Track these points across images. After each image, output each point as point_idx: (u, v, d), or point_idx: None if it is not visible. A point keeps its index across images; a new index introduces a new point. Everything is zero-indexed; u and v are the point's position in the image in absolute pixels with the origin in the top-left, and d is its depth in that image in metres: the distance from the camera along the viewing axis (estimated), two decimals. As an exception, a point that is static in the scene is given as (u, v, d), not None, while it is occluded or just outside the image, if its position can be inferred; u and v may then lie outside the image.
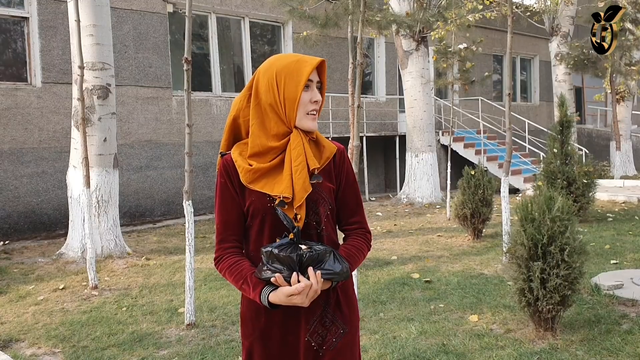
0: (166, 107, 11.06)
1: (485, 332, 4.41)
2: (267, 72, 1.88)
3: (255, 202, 1.87)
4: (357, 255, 1.97)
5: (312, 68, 1.85)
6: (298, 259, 1.76)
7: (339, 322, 1.94)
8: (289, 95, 1.85)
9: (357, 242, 2.00)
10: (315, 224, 1.90)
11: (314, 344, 1.91)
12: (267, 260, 1.79)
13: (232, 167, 1.90)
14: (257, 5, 12.34)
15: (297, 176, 1.82)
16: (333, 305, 1.94)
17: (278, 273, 1.75)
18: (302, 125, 1.89)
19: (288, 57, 1.90)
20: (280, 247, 1.77)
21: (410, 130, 12.33)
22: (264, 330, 1.93)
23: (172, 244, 8.50)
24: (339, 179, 1.98)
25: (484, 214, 7.93)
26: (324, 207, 1.92)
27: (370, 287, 5.85)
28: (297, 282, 1.75)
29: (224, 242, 1.93)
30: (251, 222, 1.91)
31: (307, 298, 1.77)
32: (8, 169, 9.11)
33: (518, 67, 19.09)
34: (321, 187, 1.91)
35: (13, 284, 6.35)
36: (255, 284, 1.82)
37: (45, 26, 9.45)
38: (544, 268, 4.03)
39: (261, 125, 1.88)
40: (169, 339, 4.58)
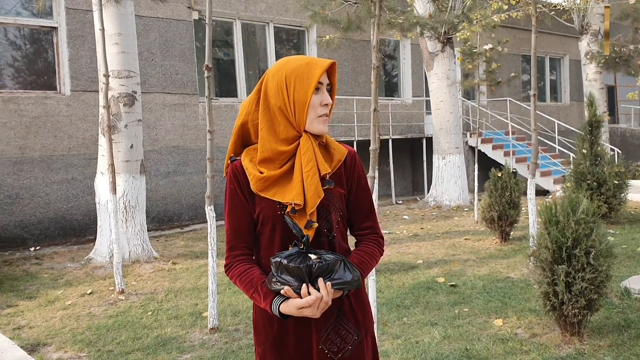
0: (192, 113, 11.18)
1: (509, 337, 4.34)
2: (276, 75, 1.84)
3: (265, 210, 1.84)
4: (369, 262, 1.93)
5: (323, 70, 1.81)
6: (307, 270, 1.70)
7: (353, 329, 1.91)
8: (299, 99, 1.81)
9: (369, 247, 1.96)
10: (326, 231, 1.87)
11: (328, 352, 1.87)
12: (276, 271, 1.74)
13: (242, 173, 1.86)
14: (282, 10, 12.40)
15: (309, 182, 1.79)
16: (347, 313, 1.90)
17: (287, 286, 1.71)
18: (313, 128, 1.85)
19: (298, 60, 1.85)
20: (290, 258, 1.72)
21: (437, 132, 12.23)
22: (277, 338, 1.90)
23: (199, 248, 8.57)
24: (350, 183, 1.94)
25: (512, 217, 7.81)
26: (335, 213, 1.88)
27: (394, 291, 5.80)
28: (308, 293, 1.70)
29: (233, 250, 1.90)
30: (262, 229, 1.88)
31: (318, 310, 1.73)
32: (39, 176, 9.31)
33: (547, 67, 18.78)
34: (332, 193, 1.87)
35: (43, 289, 6.47)
36: (265, 294, 1.79)
37: (73, 35, 9.65)
38: (568, 271, 3.94)
39: (270, 129, 1.84)
40: (192, 343, 4.61)
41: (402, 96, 15.08)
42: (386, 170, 13.67)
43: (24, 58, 9.59)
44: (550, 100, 18.96)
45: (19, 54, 9.55)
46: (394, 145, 13.75)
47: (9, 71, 9.47)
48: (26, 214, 9.19)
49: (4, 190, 8.99)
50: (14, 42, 9.52)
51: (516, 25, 15.57)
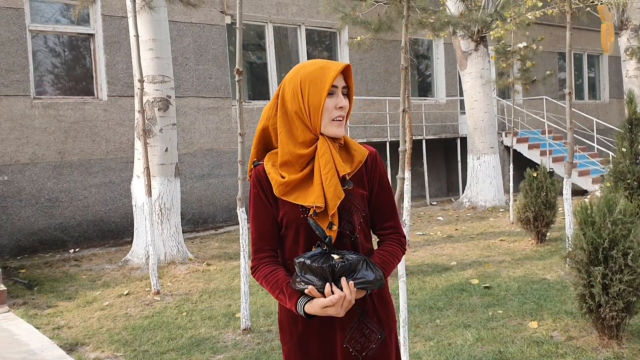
0: (226, 116, 11.31)
1: (545, 340, 4.26)
2: (292, 81, 1.88)
3: (289, 213, 1.88)
4: (391, 261, 1.96)
5: (336, 74, 1.83)
6: (330, 270, 1.74)
7: (377, 328, 1.94)
8: (313, 103, 1.84)
9: (391, 247, 1.98)
10: (348, 232, 1.90)
11: (352, 351, 1.91)
12: (299, 272, 1.78)
13: (264, 178, 1.90)
14: (313, 12, 12.44)
15: (328, 184, 1.81)
16: (370, 312, 1.93)
17: (311, 285, 1.74)
18: (328, 131, 1.87)
19: (313, 64, 1.89)
20: (313, 258, 1.76)
21: (471, 132, 12.09)
22: (301, 337, 1.94)
23: (233, 249, 8.65)
24: (371, 183, 1.97)
25: (548, 217, 7.67)
26: (357, 215, 1.91)
27: (427, 293, 5.76)
28: (331, 293, 1.73)
29: (259, 252, 1.94)
30: (286, 232, 1.92)
31: (342, 309, 1.76)
32: (77, 179, 9.55)
33: (585, 64, 18.36)
34: (353, 195, 1.90)
35: (81, 290, 6.63)
36: (290, 294, 1.83)
37: (109, 42, 9.86)
38: (605, 273, 3.85)
39: (289, 133, 1.88)
40: (225, 344, 4.66)
41: (435, 96, 14.95)
42: (420, 171, 13.57)
43: (63, 65, 9.85)
44: (589, 98, 18.53)
45: (58, 61, 9.81)
46: (427, 145, 13.64)
47: (48, 78, 9.74)
48: (66, 216, 9.43)
49: (45, 194, 9.24)
50: (53, 49, 9.79)
51: (552, 22, 15.28)
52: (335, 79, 1.83)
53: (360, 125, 12.86)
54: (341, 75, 1.87)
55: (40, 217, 9.20)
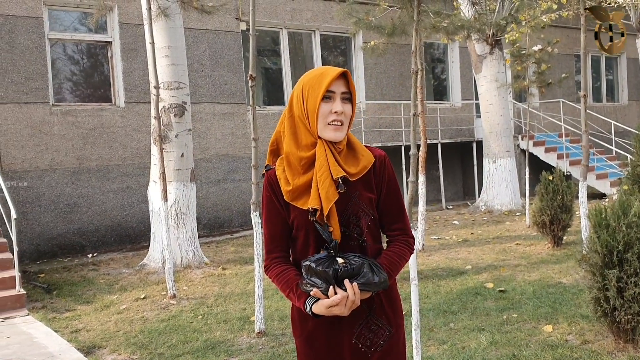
0: (241, 122, 11.39)
1: (559, 343, 4.23)
2: (298, 86, 1.97)
3: (298, 217, 1.95)
4: (398, 262, 2.01)
5: (330, 80, 1.88)
6: (334, 274, 1.82)
7: (385, 325, 2.01)
8: (310, 107, 1.91)
9: (398, 248, 2.04)
10: (356, 236, 1.97)
11: (362, 346, 1.99)
12: (306, 274, 1.86)
13: (276, 182, 1.98)
14: (327, 18, 12.50)
15: (321, 186, 1.88)
16: (378, 309, 2.00)
17: (315, 288, 1.83)
18: (324, 135, 1.93)
19: (316, 71, 1.96)
20: (318, 261, 1.84)
21: (487, 136, 12.04)
22: (311, 333, 2.01)
23: (248, 253, 8.70)
24: (380, 187, 2.01)
25: (564, 221, 7.61)
26: (365, 218, 1.97)
27: (441, 297, 5.75)
28: (335, 294, 1.82)
29: (271, 252, 2.03)
30: (297, 234, 2.00)
31: (346, 308, 1.84)
32: (96, 185, 9.68)
33: (603, 66, 18.19)
34: (361, 199, 1.96)
35: (99, 293, 6.72)
36: (300, 294, 1.92)
37: (126, 49, 10.00)
38: (620, 276, 3.82)
39: (293, 135, 1.96)
40: (240, 347, 4.70)
41: (451, 100, 14.91)
42: (436, 175, 13.54)
43: (81, 72, 10.01)
44: (607, 100, 18.35)
45: (76, 68, 9.97)
46: (443, 149, 13.61)
47: (67, 85, 9.90)
48: (84, 221, 9.56)
49: (63, 199, 9.38)
50: (71, 57, 9.95)
51: (568, 25, 15.18)
52: (330, 85, 1.89)
53: (375, 130, 12.87)
54: (343, 80, 1.92)
55: (59, 222, 9.34)
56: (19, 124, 9.03)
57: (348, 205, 1.94)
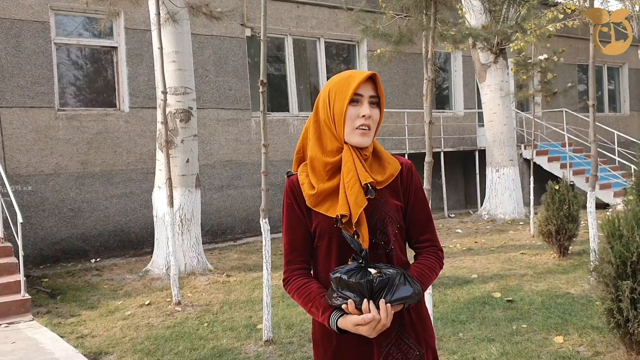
0: (245, 128, 11.38)
1: (571, 355, 4.20)
2: (325, 90, 1.90)
3: (321, 223, 1.87)
4: (429, 275, 1.92)
5: (358, 82, 1.82)
6: (368, 286, 1.70)
7: (414, 344, 1.90)
8: (337, 110, 1.85)
9: (429, 260, 1.95)
10: (383, 244, 1.87)
11: None
12: (336, 287, 1.75)
13: (298, 188, 1.90)
14: (332, 25, 12.51)
15: (350, 192, 1.80)
16: (408, 327, 1.89)
17: (350, 300, 1.71)
18: (350, 140, 1.86)
19: (342, 74, 1.90)
20: (349, 273, 1.73)
21: (490, 145, 12.03)
22: (336, 353, 1.90)
23: (252, 261, 8.67)
24: (407, 195, 1.95)
25: (570, 231, 7.59)
26: (392, 225, 1.88)
27: (449, 306, 5.72)
28: (369, 309, 1.70)
29: (291, 264, 1.93)
30: (319, 243, 1.90)
31: (374, 330, 1.73)
32: (99, 190, 9.65)
33: (605, 77, 18.23)
34: (388, 206, 1.88)
35: (103, 299, 6.68)
36: (324, 308, 1.81)
37: (132, 54, 10.00)
38: (634, 287, 3.79)
39: (318, 140, 1.89)
40: (247, 355, 4.66)
41: (453, 108, 14.92)
42: (438, 184, 13.52)
43: (86, 77, 10.00)
44: (609, 110, 18.38)
45: (81, 73, 9.96)
46: (446, 158, 13.60)
47: (72, 90, 9.89)
48: (87, 226, 9.53)
49: (67, 204, 9.35)
50: (77, 62, 9.94)
51: (571, 34, 15.21)
52: (358, 87, 1.83)
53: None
54: (371, 84, 1.87)
55: (63, 227, 9.31)
56: (24, 128, 9.01)
57: (375, 211, 1.86)
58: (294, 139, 11.96)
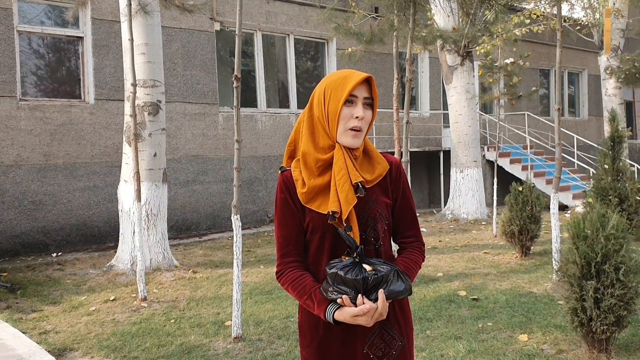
0: (213, 122, 11.28)
1: (535, 353, 4.31)
2: (320, 87, 1.95)
3: (315, 219, 1.92)
4: (414, 269, 2.01)
5: (355, 83, 1.87)
6: (363, 282, 1.79)
7: (397, 335, 1.98)
8: (332, 110, 1.90)
9: (414, 255, 2.04)
10: (373, 240, 1.95)
11: (374, 357, 1.95)
12: (332, 282, 1.82)
13: (292, 183, 1.95)
14: (302, 22, 12.50)
15: (340, 190, 1.86)
16: (391, 318, 1.97)
17: (345, 295, 1.79)
18: (342, 141, 1.92)
19: (339, 73, 1.95)
20: (345, 269, 1.80)
21: (455, 146, 12.22)
22: (322, 342, 1.97)
23: (218, 257, 8.61)
24: (395, 193, 2.02)
25: (532, 231, 7.77)
26: (381, 222, 1.96)
27: (416, 304, 5.79)
28: (363, 304, 1.78)
29: (285, 257, 1.98)
30: (311, 237, 1.96)
31: (372, 319, 1.81)
32: (62, 182, 9.43)
33: (566, 81, 18.72)
34: (378, 203, 1.95)
35: (66, 294, 6.54)
36: (320, 301, 1.87)
37: (98, 45, 9.79)
38: (597, 287, 3.92)
39: (311, 136, 1.94)
40: (216, 352, 4.63)
41: (419, 109, 15.10)
42: (403, 183, 13.64)
43: (50, 67, 9.74)
44: (569, 114, 18.88)
45: (45, 63, 9.70)
46: (411, 158, 13.73)
47: (35, 79, 9.63)
48: (49, 220, 9.30)
49: (28, 196, 9.11)
50: (40, 51, 9.68)
51: (534, 39, 15.57)
52: (354, 89, 1.88)
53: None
54: (366, 86, 1.91)
55: (23, 220, 9.06)
56: (-17, 117, 8.74)
57: (366, 208, 1.93)
58: (262, 135, 11.92)
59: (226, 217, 11.20)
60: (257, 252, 9.03)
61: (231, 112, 11.40)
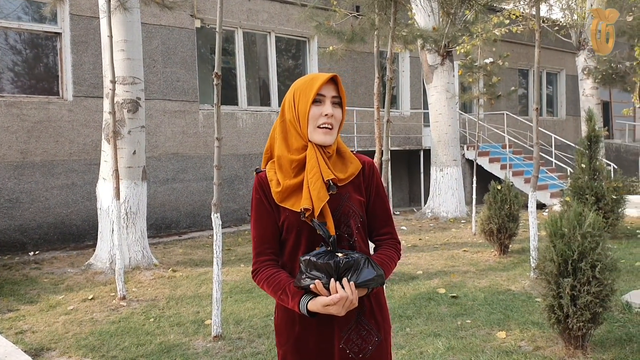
0: (193, 120, 11.21)
1: (513, 349, 4.36)
2: (290, 92, 2.01)
3: (289, 217, 1.96)
4: (389, 264, 2.03)
5: (321, 83, 1.93)
6: (335, 266, 1.82)
7: (374, 331, 2.00)
8: (301, 110, 1.95)
9: (388, 251, 2.07)
10: (347, 236, 1.98)
11: (349, 352, 1.96)
12: (305, 269, 1.85)
13: (266, 184, 1.99)
14: (283, 20, 12.48)
15: (312, 187, 1.90)
16: (367, 313, 1.99)
17: (317, 280, 1.82)
18: (314, 138, 1.96)
19: (307, 77, 2.00)
20: (318, 256, 1.85)
21: (435, 145, 12.30)
22: (298, 338, 1.99)
23: (198, 256, 8.57)
24: (368, 191, 2.06)
25: (511, 230, 7.85)
26: (354, 219, 1.99)
27: (396, 301, 5.83)
28: (336, 289, 1.81)
29: (260, 255, 2.01)
30: (287, 236, 1.99)
31: (343, 308, 1.83)
32: (39, 180, 9.31)
33: (544, 81, 18.94)
34: (352, 201, 1.99)
35: (43, 293, 6.46)
36: (294, 294, 1.89)
37: (77, 41, 9.67)
38: (574, 285, 3.98)
39: (284, 139, 1.99)
40: (196, 351, 4.61)
41: (400, 108, 15.16)
42: (384, 181, 13.71)
43: (27, 63, 9.60)
44: (547, 114, 19.11)
45: (22, 59, 9.56)
46: (391, 156, 13.77)
47: (12, 76, 9.48)
48: (26, 218, 9.17)
49: (5, 194, 8.97)
50: (17, 47, 9.53)
51: (514, 40, 15.73)
52: (320, 88, 1.94)
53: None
54: (333, 85, 1.97)
55: (-1, 218, 8.93)
56: (-42, 113, 8.58)
57: (339, 205, 1.96)
58: (243, 133, 11.87)
59: (206, 215, 11.15)
60: (237, 250, 9.01)
61: (212, 109, 11.34)
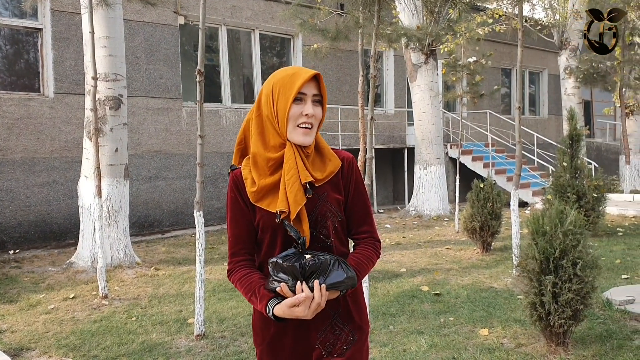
0: (176, 118, 11.13)
1: (496, 347, 4.39)
2: (267, 85, 1.91)
3: (264, 217, 1.90)
4: (366, 264, 1.98)
5: (303, 81, 1.84)
6: (301, 268, 1.77)
7: (349, 330, 1.96)
8: (281, 108, 1.86)
9: (366, 250, 2.01)
10: (323, 237, 1.93)
11: (324, 352, 1.93)
12: (273, 271, 1.81)
13: (241, 182, 1.93)
14: (268, 17, 12.44)
15: (289, 190, 1.84)
16: (343, 313, 1.96)
17: (283, 283, 1.77)
18: (292, 138, 1.88)
19: (287, 70, 1.91)
20: (286, 258, 1.80)
21: (419, 143, 12.35)
22: (274, 339, 1.96)
23: (181, 254, 8.52)
24: (347, 189, 2.00)
25: (493, 227, 7.91)
26: (332, 219, 1.94)
27: (379, 299, 5.84)
28: (302, 291, 1.76)
29: (235, 255, 1.97)
30: (262, 236, 1.94)
31: (310, 311, 1.78)
32: (20, 178, 9.18)
33: (527, 81, 19.10)
34: (329, 200, 1.93)
35: (24, 292, 6.38)
36: (262, 297, 1.85)
37: (58, 37, 9.56)
38: (555, 282, 4.01)
39: (260, 135, 1.91)
40: (178, 349, 4.58)
41: (384, 107, 15.20)
42: (368, 179, 13.72)
43: (7, 59, 9.47)
44: (529, 113, 19.28)
45: (1, 55, 9.42)
46: (375, 155, 13.83)
47: (-9, 71, 9.35)
48: (5, 216, 9.05)
49: (-17, 192, 8.84)
50: (-4, 42, 9.40)
51: (497, 39, 15.83)
52: (302, 86, 1.85)
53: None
54: (314, 83, 1.89)
55: (-22, 216, 8.80)
56: (-64, 110, 8.44)
57: (316, 206, 1.91)
58: (226, 130, 11.82)
59: (189, 213, 11.09)
60: (220, 249, 8.97)
61: (195, 107, 11.27)
